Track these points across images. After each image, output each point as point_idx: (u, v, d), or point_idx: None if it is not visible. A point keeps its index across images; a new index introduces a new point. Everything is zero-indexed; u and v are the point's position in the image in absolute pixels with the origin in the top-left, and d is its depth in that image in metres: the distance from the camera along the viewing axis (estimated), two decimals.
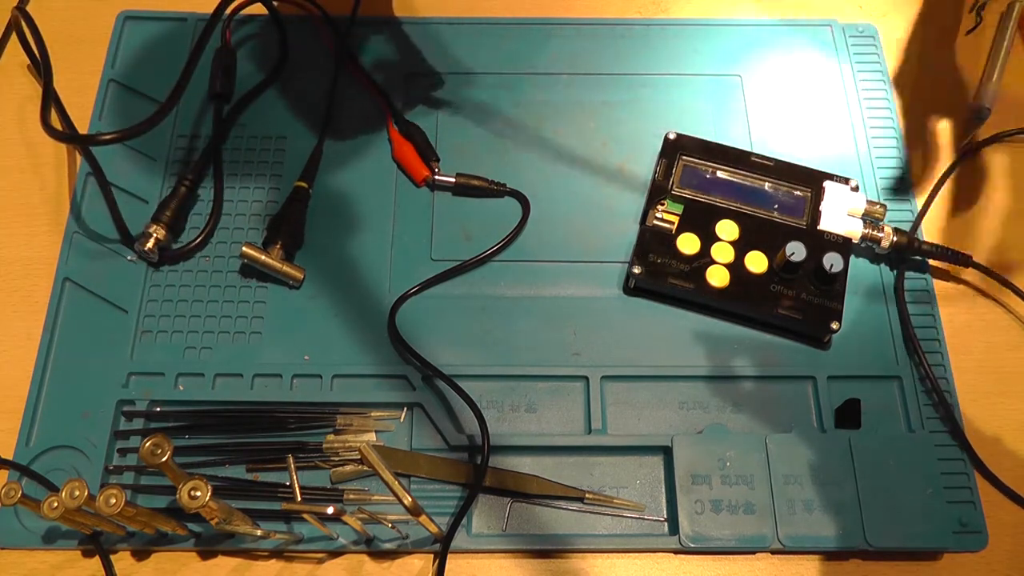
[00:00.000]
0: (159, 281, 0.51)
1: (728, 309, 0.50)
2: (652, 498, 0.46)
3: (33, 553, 0.45)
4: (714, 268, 0.50)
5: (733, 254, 0.50)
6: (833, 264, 0.48)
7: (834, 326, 0.48)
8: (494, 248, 0.52)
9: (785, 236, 0.50)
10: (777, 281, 0.50)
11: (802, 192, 0.52)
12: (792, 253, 0.48)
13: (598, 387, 0.48)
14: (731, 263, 0.50)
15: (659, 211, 0.51)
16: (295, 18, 0.59)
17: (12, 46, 0.58)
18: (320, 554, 0.45)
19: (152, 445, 0.36)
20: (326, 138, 0.55)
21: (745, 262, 0.50)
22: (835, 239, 0.51)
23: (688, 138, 0.53)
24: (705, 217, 0.51)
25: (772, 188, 0.52)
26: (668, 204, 0.51)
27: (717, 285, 0.49)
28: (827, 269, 0.48)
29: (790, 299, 0.49)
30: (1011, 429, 0.48)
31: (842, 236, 0.51)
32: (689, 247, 0.50)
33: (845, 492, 0.45)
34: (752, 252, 0.50)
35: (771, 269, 0.50)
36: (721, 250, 0.50)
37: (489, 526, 0.46)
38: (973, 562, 0.45)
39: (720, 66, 0.58)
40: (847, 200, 0.52)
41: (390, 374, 0.48)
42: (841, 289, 0.49)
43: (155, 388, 0.48)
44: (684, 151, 0.53)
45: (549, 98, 0.57)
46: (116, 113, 0.56)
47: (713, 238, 0.51)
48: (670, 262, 0.50)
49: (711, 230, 0.51)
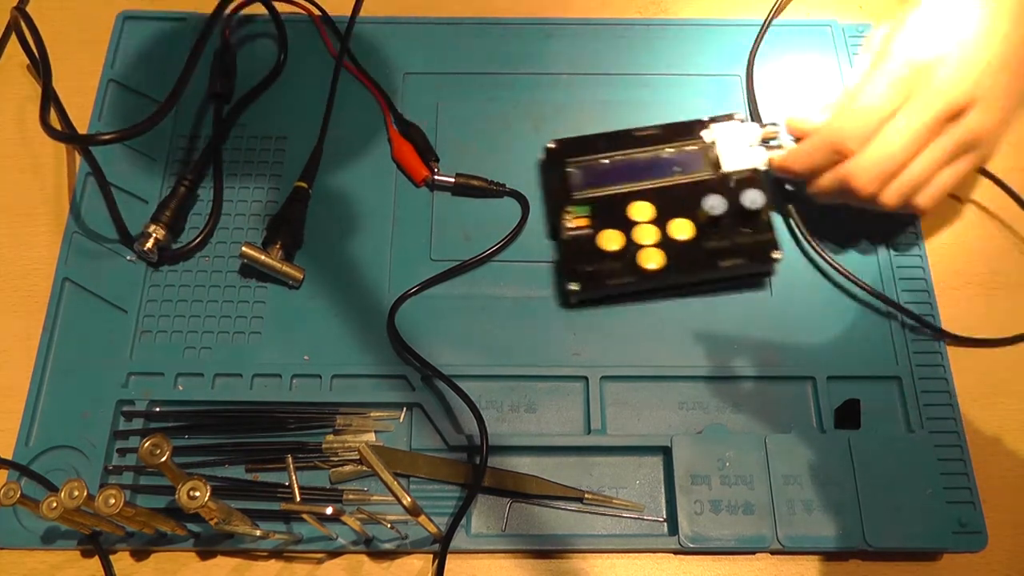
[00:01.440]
0: (159, 281, 0.51)
1: (675, 284, 0.50)
2: (651, 498, 0.46)
3: (32, 553, 0.45)
4: (644, 252, 0.49)
5: (657, 232, 0.50)
6: (754, 199, 0.49)
7: (776, 255, 0.49)
8: (494, 248, 0.52)
9: (698, 194, 0.50)
10: (707, 238, 0.49)
11: (696, 144, 0.52)
12: (712, 207, 0.48)
13: (598, 387, 0.48)
14: (658, 241, 0.49)
15: (569, 220, 0.50)
16: (295, 18, 0.59)
17: (12, 46, 0.58)
18: (319, 554, 0.45)
19: (151, 445, 0.36)
20: (326, 138, 0.55)
21: (671, 234, 0.50)
22: (745, 175, 0.51)
23: (566, 140, 0.53)
24: (616, 208, 0.50)
25: (666, 153, 0.52)
26: (575, 210, 0.50)
27: (655, 267, 0.49)
28: (749, 207, 0.49)
29: (726, 250, 0.49)
30: (1011, 429, 0.48)
31: (749, 170, 0.51)
32: (613, 243, 0.49)
33: (845, 492, 0.45)
34: (674, 221, 0.50)
35: (698, 229, 0.50)
36: (644, 232, 0.50)
37: (488, 526, 0.46)
38: (973, 562, 0.45)
39: (720, 66, 0.58)
40: (740, 134, 0.52)
41: (389, 374, 0.48)
42: (768, 219, 0.50)
43: (155, 388, 0.48)
44: (567, 154, 0.52)
45: (549, 98, 0.57)
46: (116, 113, 0.56)
47: (632, 224, 0.50)
48: (601, 265, 0.49)
49: (627, 218, 0.50)
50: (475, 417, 0.45)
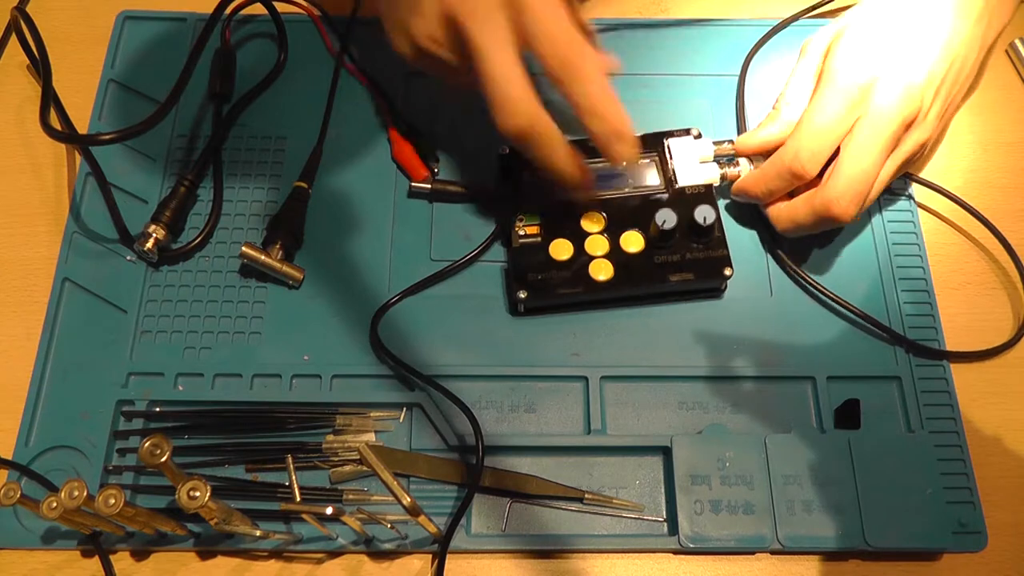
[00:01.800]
0: (159, 281, 0.51)
1: (624, 296, 0.50)
2: (651, 498, 0.46)
3: (32, 553, 0.45)
4: (595, 263, 0.49)
5: (608, 243, 0.49)
6: (706, 216, 0.48)
7: (727, 272, 0.49)
8: (476, 250, 0.51)
9: (650, 207, 0.50)
10: (659, 252, 0.49)
11: (649, 158, 0.52)
12: (663, 222, 0.48)
13: (597, 387, 0.48)
14: (609, 252, 0.49)
15: (520, 227, 0.50)
16: (295, 18, 0.59)
17: (11, 46, 0.58)
18: (319, 554, 0.45)
19: (151, 445, 0.36)
20: (326, 138, 0.55)
21: (622, 245, 0.49)
22: (698, 191, 0.51)
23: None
24: (567, 217, 0.50)
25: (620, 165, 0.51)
26: (526, 218, 0.50)
27: (604, 278, 0.49)
28: (701, 223, 0.48)
29: (677, 264, 0.49)
30: (1011, 429, 0.48)
31: (703, 185, 0.51)
32: (563, 252, 0.49)
33: (844, 492, 0.45)
34: (625, 234, 0.50)
35: (649, 242, 0.49)
36: (595, 243, 0.49)
37: (488, 526, 0.46)
38: (973, 562, 0.45)
39: (720, 66, 0.58)
40: (694, 149, 0.52)
41: (389, 374, 0.48)
42: (721, 234, 0.50)
43: (154, 388, 0.48)
44: (521, 160, 0.50)
45: (549, 98, 0.57)
46: (116, 113, 0.56)
47: (583, 235, 0.50)
48: (550, 274, 0.49)
49: (578, 228, 0.50)
50: (467, 417, 0.45)
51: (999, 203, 0.54)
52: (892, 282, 0.51)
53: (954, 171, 0.55)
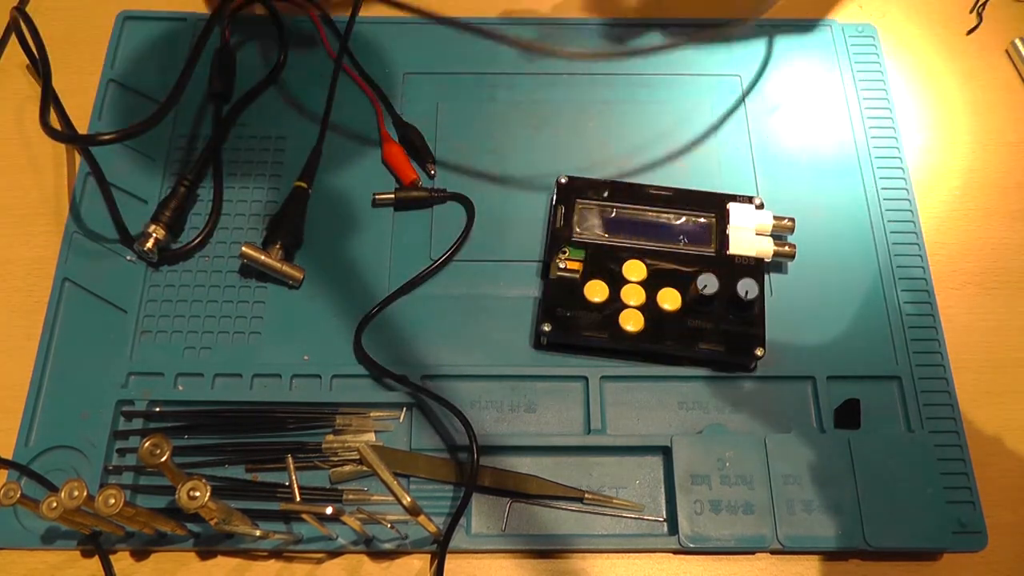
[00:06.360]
0: (158, 281, 0.51)
1: (647, 352, 0.49)
2: (651, 498, 0.46)
3: (32, 553, 0.45)
4: (627, 312, 0.48)
5: (644, 295, 0.48)
6: (748, 291, 0.47)
7: (758, 352, 0.47)
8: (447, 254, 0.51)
9: (695, 267, 0.49)
10: (694, 315, 0.48)
11: (706, 218, 0.50)
12: (704, 286, 0.47)
13: (597, 387, 0.48)
14: (643, 304, 0.48)
15: (562, 260, 0.49)
16: (295, 18, 0.59)
17: (11, 46, 0.58)
18: (319, 554, 0.45)
19: (151, 445, 0.36)
20: (326, 138, 0.55)
21: (658, 301, 0.48)
22: (747, 262, 0.49)
23: (581, 179, 0.51)
24: (610, 260, 0.49)
25: (675, 219, 0.50)
26: (570, 252, 0.49)
27: (632, 330, 0.47)
28: (743, 297, 0.47)
29: (709, 332, 0.48)
30: (1011, 429, 0.48)
31: (753, 258, 0.49)
32: (598, 295, 0.48)
33: (844, 492, 0.45)
34: (664, 290, 0.48)
35: (685, 304, 0.48)
36: (631, 292, 0.48)
37: (488, 526, 0.46)
38: (973, 562, 0.45)
39: (720, 66, 0.58)
40: (753, 219, 0.50)
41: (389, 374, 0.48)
42: (760, 312, 0.48)
43: (154, 388, 0.48)
44: (579, 194, 0.50)
45: (549, 98, 0.57)
46: (115, 113, 0.56)
47: (621, 281, 0.49)
48: (580, 313, 0.48)
49: (618, 273, 0.49)
50: (458, 417, 0.45)
51: (999, 203, 0.54)
52: (892, 282, 0.51)
53: (954, 171, 0.56)
